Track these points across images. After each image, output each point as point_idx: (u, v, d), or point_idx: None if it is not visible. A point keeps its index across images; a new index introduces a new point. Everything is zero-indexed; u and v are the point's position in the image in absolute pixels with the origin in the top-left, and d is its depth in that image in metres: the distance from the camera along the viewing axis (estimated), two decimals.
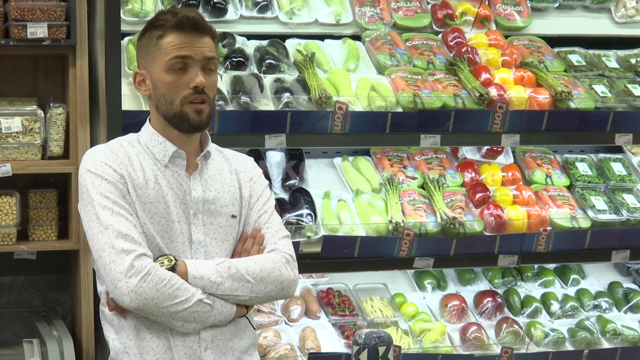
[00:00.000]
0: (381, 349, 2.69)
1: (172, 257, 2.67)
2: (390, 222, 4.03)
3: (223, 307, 2.69)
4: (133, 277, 2.57)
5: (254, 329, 2.85)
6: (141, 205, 2.68)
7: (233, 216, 2.82)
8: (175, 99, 2.68)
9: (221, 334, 2.75)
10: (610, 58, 4.75)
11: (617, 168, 4.67)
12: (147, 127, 2.80)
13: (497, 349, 4.27)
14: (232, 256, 2.80)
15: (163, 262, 2.65)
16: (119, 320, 2.71)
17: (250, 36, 4.30)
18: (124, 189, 2.67)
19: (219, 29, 4.19)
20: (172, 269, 2.64)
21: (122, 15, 3.87)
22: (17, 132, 3.80)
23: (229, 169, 2.86)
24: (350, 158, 4.41)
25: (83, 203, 2.68)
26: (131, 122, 3.62)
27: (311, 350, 4.00)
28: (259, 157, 4.23)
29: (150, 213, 2.69)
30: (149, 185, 2.70)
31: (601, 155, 4.74)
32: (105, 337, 2.79)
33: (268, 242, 2.81)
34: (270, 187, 4.13)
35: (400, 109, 4.09)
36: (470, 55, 4.39)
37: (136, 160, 2.73)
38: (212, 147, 2.85)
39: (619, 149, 4.81)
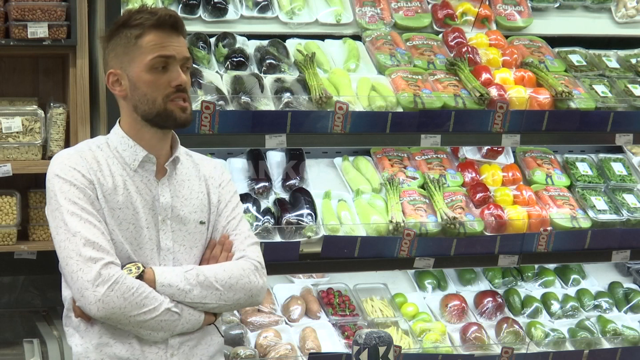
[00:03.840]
0: (381, 349, 2.69)
1: (139, 265, 2.64)
2: (391, 222, 4.03)
3: (191, 316, 2.67)
4: (100, 286, 2.53)
5: (222, 336, 2.82)
6: (110, 212, 2.65)
7: (201, 222, 2.79)
8: (157, 97, 2.65)
9: (188, 340, 2.72)
10: (611, 58, 4.75)
11: (618, 168, 4.67)
12: (117, 130, 2.75)
13: (497, 349, 4.27)
14: (200, 263, 2.77)
15: (131, 270, 2.61)
16: (85, 327, 2.68)
17: (250, 36, 4.30)
18: (92, 195, 2.63)
19: (220, 29, 4.21)
20: (140, 276, 2.61)
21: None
22: (17, 132, 3.80)
23: (197, 175, 2.83)
24: (351, 158, 4.41)
25: (50, 208, 2.64)
26: None
27: (311, 350, 4.00)
28: (259, 157, 4.23)
29: (119, 219, 2.66)
30: (118, 191, 2.67)
31: (601, 155, 4.74)
32: (68, 342, 2.75)
33: (237, 248, 2.78)
34: (271, 187, 4.15)
35: (400, 109, 4.09)
36: (470, 55, 4.39)
37: (105, 165, 2.69)
38: (181, 151, 2.81)
39: (619, 149, 4.81)
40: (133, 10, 2.70)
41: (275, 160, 4.32)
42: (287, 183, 4.20)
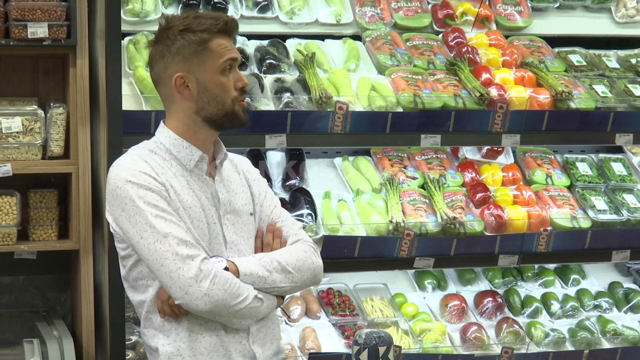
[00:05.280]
0: (381, 349, 2.69)
1: (222, 258, 2.74)
2: (391, 222, 4.03)
3: (269, 300, 2.78)
4: (204, 281, 2.63)
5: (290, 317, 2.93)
6: (183, 211, 2.73)
7: (251, 214, 2.90)
8: (227, 99, 2.75)
9: (263, 326, 2.84)
10: (611, 58, 4.75)
11: (618, 168, 4.67)
12: (166, 133, 2.81)
13: (497, 349, 4.27)
14: (255, 251, 2.88)
15: (214, 263, 2.71)
16: (170, 325, 2.77)
17: (250, 36, 4.30)
18: (167, 196, 2.71)
19: None
20: (226, 268, 2.70)
21: (122, 15, 3.86)
22: (17, 132, 3.80)
23: (235, 170, 2.95)
24: (351, 158, 4.41)
25: (127, 214, 2.68)
26: (131, 122, 3.62)
27: (311, 350, 4.00)
28: (259, 157, 4.23)
29: (191, 218, 2.75)
30: (184, 191, 2.75)
31: (601, 155, 4.74)
32: (149, 344, 2.82)
33: (288, 233, 2.91)
34: (271, 187, 4.15)
35: (400, 109, 4.09)
36: (470, 55, 4.39)
37: (166, 168, 2.76)
38: None
39: (619, 149, 4.81)
40: (188, 15, 2.77)
41: (275, 160, 4.32)
42: (287, 183, 4.21)
